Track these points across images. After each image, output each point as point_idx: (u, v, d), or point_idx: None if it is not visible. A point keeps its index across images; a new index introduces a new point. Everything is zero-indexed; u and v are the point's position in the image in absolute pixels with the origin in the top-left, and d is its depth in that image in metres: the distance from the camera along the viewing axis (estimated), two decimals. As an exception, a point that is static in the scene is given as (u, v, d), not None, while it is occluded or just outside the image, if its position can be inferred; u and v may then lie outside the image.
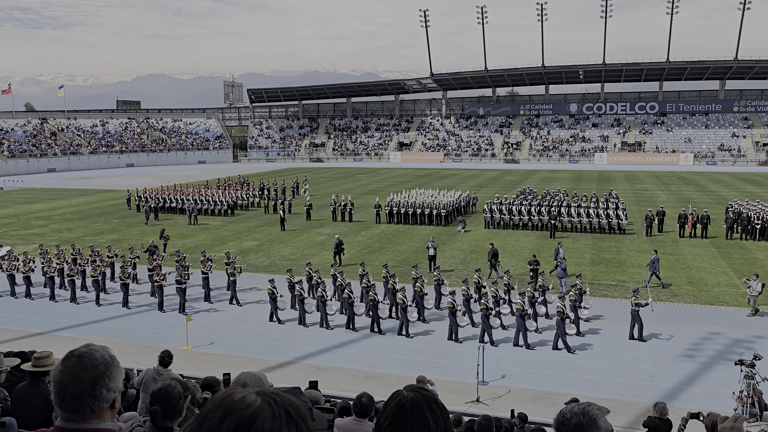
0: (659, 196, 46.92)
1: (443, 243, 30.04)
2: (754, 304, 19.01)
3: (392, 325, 18.74)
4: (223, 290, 22.36)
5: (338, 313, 19.52)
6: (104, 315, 20.44)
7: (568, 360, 16.05)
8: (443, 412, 1.77)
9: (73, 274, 22.15)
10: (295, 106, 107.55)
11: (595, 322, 18.77)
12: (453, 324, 17.40)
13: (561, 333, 16.52)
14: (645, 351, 16.53)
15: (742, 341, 16.98)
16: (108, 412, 2.28)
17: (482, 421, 6.72)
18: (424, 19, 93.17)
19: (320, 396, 5.94)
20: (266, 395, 1.33)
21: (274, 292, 19.17)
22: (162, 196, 42.85)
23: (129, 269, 21.71)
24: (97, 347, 2.29)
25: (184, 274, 20.58)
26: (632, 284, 22.67)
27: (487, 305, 17.13)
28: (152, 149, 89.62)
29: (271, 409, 1.30)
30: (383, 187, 54.23)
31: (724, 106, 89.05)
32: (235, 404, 1.31)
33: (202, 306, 21.02)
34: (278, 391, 1.37)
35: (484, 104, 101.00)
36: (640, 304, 17.14)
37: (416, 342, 17.57)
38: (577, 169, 75.50)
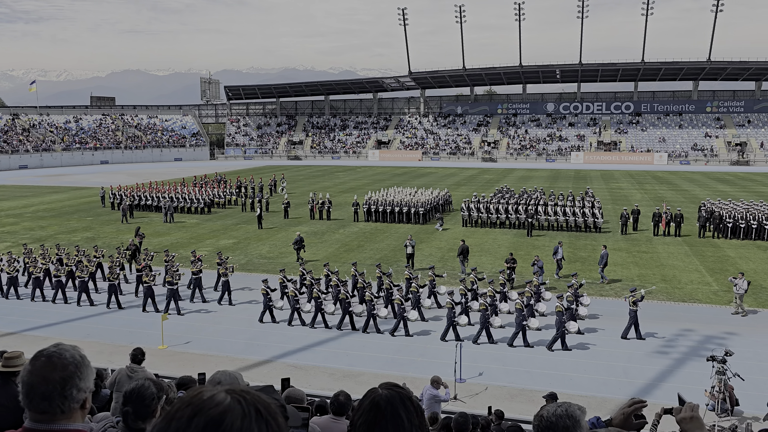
0: (634, 195, 47.58)
1: (421, 241, 30.11)
2: (741, 302, 19.31)
3: (387, 325, 18.68)
4: (209, 290, 22.01)
5: (332, 313, 19.35)
6: (78, 314, 20.11)
7: (545, 357, 16.20)
8: (418, 410, 1.77)
9: (60, 275, 21.52)
10: (273, 103, 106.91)
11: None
12: (451, 325, 17.28)
13: (559, 332, 16.54)
14: (619, 348, 16.75)
15: (713, 338, 17.30)
16: (78, 412, 2.24)
17: (459, 418, 6.74)
18: (402, 17, 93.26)
19: (302, 394, 5.91)
20: (236, 393, 1.31)
21: (268, 292, 18.95)
22: (137, 193, 42.29)
23: (117, 269, 21.20)
24: (66, 347, 2.25)
25: (175, 275, 20.20)
26: (625, 284, 22.96)
27: (487, 304, 17.12)
28: (127, 146, 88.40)
29: (241, 408, 1.28)
30: (361, 185, 54.18)
31: (697, 106, 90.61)
32: (204, 403, 1.29)
33: (195, 306, 20.68)
34: (249, 389, 1.34)
35: (462, 103, 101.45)
36: (637, 301, 17.23)
37: (394, 340, 17.58)
38: (554, 168, 76.24)
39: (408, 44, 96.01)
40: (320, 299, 18.73)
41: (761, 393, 13.75)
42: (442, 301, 19.99)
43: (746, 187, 53.36)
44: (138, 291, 21.76)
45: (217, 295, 21.26)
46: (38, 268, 21.77)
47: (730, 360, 13.09)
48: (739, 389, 13.22)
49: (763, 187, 52.79)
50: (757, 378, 14.36)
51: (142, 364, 6.48)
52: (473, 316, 18.55)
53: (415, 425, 1.73)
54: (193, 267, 21.31)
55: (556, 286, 22.61)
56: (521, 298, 17.59)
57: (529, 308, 17.77)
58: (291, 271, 23.70)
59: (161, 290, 21.20)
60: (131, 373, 5.89)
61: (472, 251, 28.23)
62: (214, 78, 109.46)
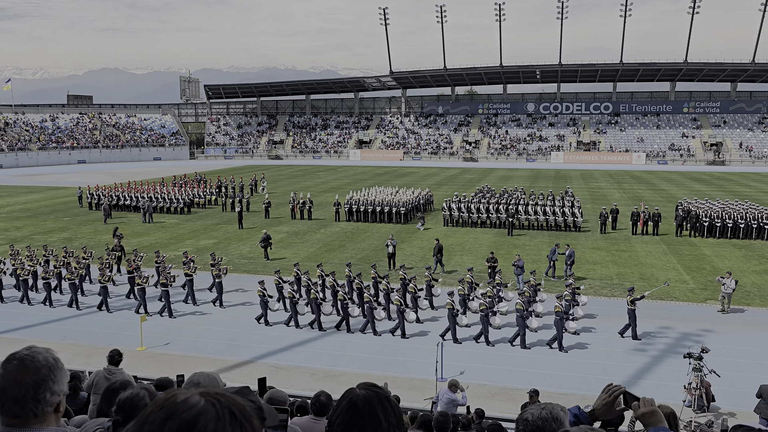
0: (613, 195, 48.10)
1: (402, 241, 30.14)
2: (728, 301, 19.55)
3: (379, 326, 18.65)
4: (204, 292, 21.77)
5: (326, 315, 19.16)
6: (54, 316, 19.81)
7: (525, 356, 16.31)
8: (395, 410, 1.76)
9: (49, 277, 20.97)
10: (254, 102, 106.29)
11: (549, 317, 19.09)
12: (452, 325, 17.23)
13: (558, 332, 16.57)
14: (598, 345, 16.92)
15: (690, 335, 17.55)
16: (52, 416, 2.21)
17: (439, 417, 6.76)
18: (383, 17, 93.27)
19: (284, 395, 5.86)
20: (210, 396, 1.29)
21: (264, 294, 18.74)
22: (116, 193, 41.78)
23: (107, 271, 20.73)
24: (39, 349, 2.21)
25: (169, 276, 19.88)
26: (588, 280, 23.18)
27: (487, 305, 17.11)
28: (105, 145, 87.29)
29: (215, 410, 1.27)
30: (342, 185, 54.10)
31: (674, 107, 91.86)
32: (177, 406, 1.27)
33: (188, 308, 20.34)
34: (224, 392, 1.33)
35: (443, 103, 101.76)
36: (636, 299, 17.31)
37: (376, 340, 17.58)
38: (534, 167, 76.79)
39: (389, 44, 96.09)
40: (318, 301, 18.48)
41: (737, 389, 13.99)
42: (436, 302, 20.03)
43: (722, 186, 54.23)
44: (130, 293, 21.28)
45: (212, 295, 20.99)
46: (26, 270, 21.18)
47: (706, 357, 13.30)
48: (715, 385, 13.42)
49: (739, 187, 53.70)
50: (732, 374, 14.60)
51: (119, 366, 6.39)
52: (473, 316, 18.58)
53: (393, 425, 1.73)
54: (186, 268, 20.97)
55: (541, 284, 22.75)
56: (522, 299, 17.43)
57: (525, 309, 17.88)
58: (284, 272, 23.54)
59: (153, 291, 21.01)
60: (109, 375, 5.81)
61: (454, 251, 28.37)
62: (193, 77, 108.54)
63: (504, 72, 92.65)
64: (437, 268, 24.47)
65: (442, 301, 20.02)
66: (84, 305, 20.60)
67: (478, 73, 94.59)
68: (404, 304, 17.92)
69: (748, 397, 13.64)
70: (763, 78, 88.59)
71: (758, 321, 18.91)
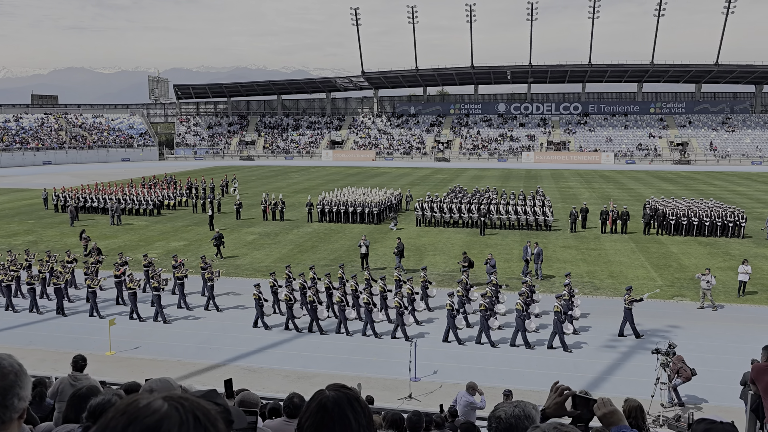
0: (583, 194, 48.80)
1: (375, 241, 30.13)
2: (711, 298, 19.95)
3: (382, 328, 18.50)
4: (196, 296, 21.33)
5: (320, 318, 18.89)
6: (19, 321, 19.30)
7: (498, 354, 16.44)
8: (365, 411, 1.74)
9: (34, 282, 20.27)
10: (224, 102, 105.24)
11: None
12: (451, 326, 17.14)
13: (559, 332, 16.62)
14: (570, 342, 17.11)
15: (658, 331, 17.88)
16: (16, 422, 2.15)
17: (412, 417, 6.76)
18: (355, 17, 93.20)
19: (256, 398, 5.79)
20: (173, 400, 1.25)
21: (260, 298, 18.41)
22: (83, 195, 40.96)
23: (95, 276, 20.17)
24: (3, 355, 2.14)
25: (161, 281, 19.44)
26: (559, 278, 23.46)
27: (487, 306, 17.07)
28: (71, 146, 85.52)
29: (179, 414, 1.23)
30: (315, 186, 53.89)
31: (641, 107, 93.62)
32: (139, 411, 1.23)
33: (181, 313, 19.90)
34: (187, 396, 1.29)
35: (415, 103, 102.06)
36: (634, 300, 17.45)
37: (349, 341, 17.53)
38: (506, 167, 77.50)
39: (361, 44, 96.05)
40: (315, 303, 18.23)
41: (703, 383, 14.29)
42: (431, 303, 20.00)
43: (688, 185, 55.43)
44: (120, 298, 20.78)
45: (203, 299, 20.63)
46: (9, 275, 20.44)
47: (673, 352, 13.54)
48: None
49: (704, 185, 54.95)
50: (698, 369, 14.89)
51: (84, 371, 6.24)
52: (471, 317, 18.60)
53: (363, 426, 1.71)
54: (178, 271, 20.52)
55: (512, 284, 22.94)
56: (522, 299, 17.38)
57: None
58: (277, 274, 23.37)
59: (142, 296, 20.60)
60: (74, 381, 5.67)
61: (427, 250, 28.48)
62: (162, 76, 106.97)
63: (475, 72, 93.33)
64: (400, 267, 24.53)
65: (437, 302, 20.10)
66: (69, 311, 20.04)
67: (449, 74, 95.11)
68: (403, 306, 17.79)
69: (713, 390, 13.95)
70: (726, 79, 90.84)
71: (723, 316, 19.35)
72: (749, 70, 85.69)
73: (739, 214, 31.53)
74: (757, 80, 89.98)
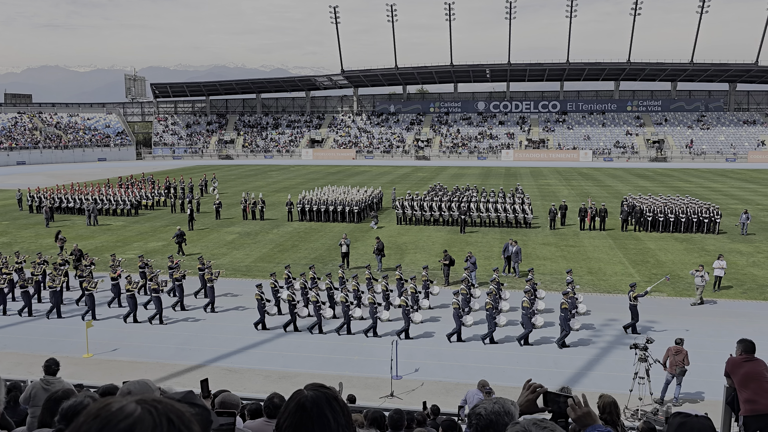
0: (562, 191, 49.22)
1: (356, 240, 30.10)
2: (701, 294, 20.22)
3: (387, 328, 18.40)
4: (190, 297, 21.00)
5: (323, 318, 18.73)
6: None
7: (478, 351, 16.51)
8: (344, 410, 1.73)
9: (27, 285, 19.72)
10: (203, 101, 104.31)
11: (506, 313, 19.38)
12: (457, 325, 17.09)
13: (565, 329, 16.64)
14: (550, 338, 17.26)
15: (636, 326, 18.08)
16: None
17: (394, 415, 6.76)
18: (334, 15, 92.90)
19: (237, 399, 5.74)
20: (147, 403, 1.23)
21: (262, 298, 18.21)
22: (58, 195, 40.32)
23: (93, 279, 19.72)
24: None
25: (161, 282, 19.10)
26: (538, 276, 23.62)
27: (493, 304, 17.05)
28: (46, 146, 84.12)
29: (152, 418, 1.20)
30: (295, 185, 53.67)
31: (618, 105, 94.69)
32: (112, 415, 1.20)
33: (180, 315, 19.57)
34: (161, 399, 1.27)
35: (395, 101, 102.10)
36: (639, 295, 17.55)
37: (330, 339, 17.49)
38: (485, 165, 77.89)
39: (340, 43, 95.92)
40: (319, 303, 18.05)
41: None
42: (433, 302, 19.98)
43: (664, 182, 56.20)
44: (115, 301, 20.40)
45: (198, 301, 20.40)
46: (2, 278, 19.94)
47: (651, 347, 13.73)
48: (659, 375, 13.87)
49: (680, 182, 55.75)
50: (676, 363, 15.12)
51: (57, 375, 6.13)
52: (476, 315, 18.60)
53: (342, 425, 1.70)
54: (177, 272, 20.22)
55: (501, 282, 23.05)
56: (528, 296, 17.33)
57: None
58: (273, 275, 23.19)
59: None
60: (46, 386, 5.57)
61: (407, 248, 28.52)
62: (139, 75, 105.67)
63: (454, 71, 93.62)
64: (380, 267, 24.55)
65: (438, 300, 20.12)
66: (64, 314, 19.64)
67: (429, 72, 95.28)
68: (408, 305, 17.73)
69: (690, 384, 14.16)
70: (701, 77, 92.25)
71: (699, 311, 19.66)
72: (723, 69, 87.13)
73: (714, 211, 32.05)
74: (730, 78, 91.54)
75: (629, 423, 11.09)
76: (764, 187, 52.11)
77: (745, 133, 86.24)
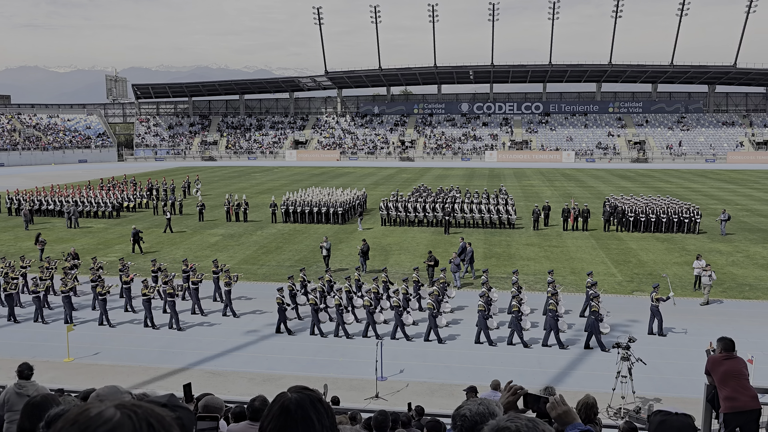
0: (545, 192, 49.55)
1: (340, 241, 30.05)
2: (708, 293, 20.41)
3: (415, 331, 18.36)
4: (207, 300, 20.71)
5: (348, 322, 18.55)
6: (-29, 329, 18.63)
7: (463, 352, 16.55)
8: (328, 411, 1.72)
9: (40, 290, 19.26)
10: (185, 102, 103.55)
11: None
12: (483, 327, 16.94)
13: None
14: (535, 339, 17.34)
15: (618, 326, 18.26)
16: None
17: (378, 416, 6.75)
18: (317, 16, 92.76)
19: (220, 402, 5.69)
20: (126, 408, 1.21)
21: (283, 302, 17.99)
22: (38, 197, 39.78)
23: (106, 284, 19.28)
24: None
25: (176, 287, 18.78)
26: (521, 276, 23.73)
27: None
28: (25, 147, 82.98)
29: (132, 423, 1.19)
30: (279, 186, 53.45)
31: (600, 107, 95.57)
32: (91, 420, 1.18)
33: (196, 319, 19.20)
34: (141, 403, 1.25)
35: (378, 103, 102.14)
36: (661, 299, 17.54)
37: (314, 342, 17.44)
38: (469, 166, 78.18)
39: (324, 44, 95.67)
40: (341, 307, 17.87)
41: (662, 375, 14.67)
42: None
43: (645, 183, 56.80)
44: (129, 306, 20.05)
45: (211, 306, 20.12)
46: (10, 284, 19.48)
47: (633, 346, 13.86)
48: (641, 373, 14.00)
49: (661, 183, 56.39)
50: (657, 362, 15.30)
51: (31, 379, 6.03)
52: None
53: (326, 427, 1.69)
54: (193, 275, 19.88)
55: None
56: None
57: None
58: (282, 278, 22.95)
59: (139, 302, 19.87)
60: (20, 390, 5.49)
61: (392, 250, 28.52)
62: (120, 76, 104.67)
63: (438, 72, 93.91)
64: (364, 269, 24.46)
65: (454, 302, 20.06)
66: (78, 319, 19.29)
67: (413, 74, 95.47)
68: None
69: (672, 382, 14.32)
70: (681, 79, 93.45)
71: (679, 310, 19.86)
72: (703, 71, 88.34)
73: (694, 211, 32.46)
74: (710, 80, 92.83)
75: (612, 421, 11.18)
76: (743, 188, 52.90)
77: (724, 135, 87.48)
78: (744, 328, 17.84)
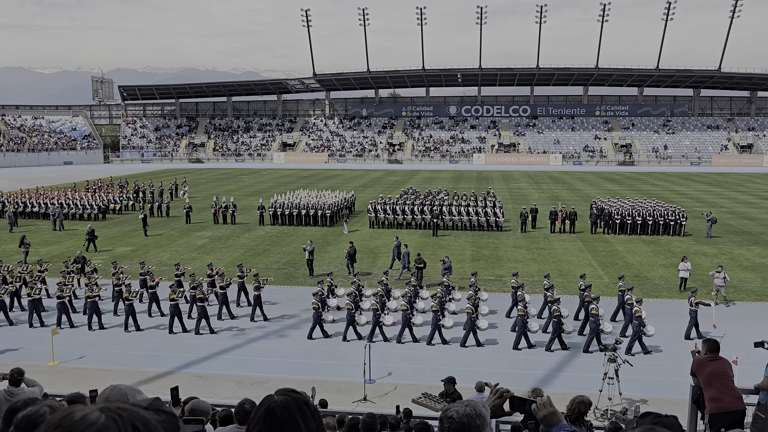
0: (532, 195, 49.77)
1: (328, 244, 30.00)
2: (725, 294, 20.58)
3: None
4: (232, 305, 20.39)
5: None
6: (-46, 332, 18.38)
7: (452, 354, 16.58)
8: (315, 414, 1.71)
9: (38, 295, 19.01)
10: (172, 104, 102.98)
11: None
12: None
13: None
14: (522, 341, 17.39)
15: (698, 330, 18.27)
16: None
17: (366, 419, 6.74)
18: (305, 19, 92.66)
19: (207, 405, 5.66)
20: (111, 411, 1.20)
21: (319, 307, 17.79)
22: (22, 200, 39.36)
23: (124, 288, 19.15)
24: None
25: (206, 291, 18.60)
26: (509, 279, 23.80)
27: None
28: (9, 149, 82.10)
29: (117, 426, 1.17)
30: (267, 188, 53.28)
31: (587, 110, 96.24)
32: (75, 424, 1.17)
33: (224, 324, 18.98)
34: (126, 406, 1.23)
35: (367, 105, 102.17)
36: (702, 302, 17.49)
37: (302, 344, 17.39)
38: (457, 169, 78.38)
39: (312, 46, 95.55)
40: (353, 311, 17.79)
41: (648, 377, 14.77)
42: (455, 307, 19.85)
43: (632, 185, 57.24)
44: (152, 310, 19.90)
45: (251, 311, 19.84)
46: (6, 289, 19.35)
47: (620, 348, 13.96)
48: (628, 374, 14.09)
49: (647, 185, 56.84)
50: (643, 363, 15.41)
51: (21, 385, 5.96)
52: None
53: (312, 430, 1.68)
54: (221, 280, 19.73)
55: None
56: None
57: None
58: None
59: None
60: (10, 397, 5.42)
61: (380, 252, 28.51)
62: (107, 77, 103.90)
63: (426, 75, 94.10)
64: (350, 272, 24.41)
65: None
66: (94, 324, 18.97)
67: (401, 76, 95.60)
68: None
69: (658, 384, 14.43)
70: (666, 83, 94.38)
71: (666, 312, 20.03)
72: (688, 75, 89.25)
73: (680, 213, 32.75)
74: (695, 84, 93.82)
75: (599, 423, 11.24)
76: (727, 190, 53.45)
77: (709, 138, 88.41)
78: (729, 329, 18.01)
